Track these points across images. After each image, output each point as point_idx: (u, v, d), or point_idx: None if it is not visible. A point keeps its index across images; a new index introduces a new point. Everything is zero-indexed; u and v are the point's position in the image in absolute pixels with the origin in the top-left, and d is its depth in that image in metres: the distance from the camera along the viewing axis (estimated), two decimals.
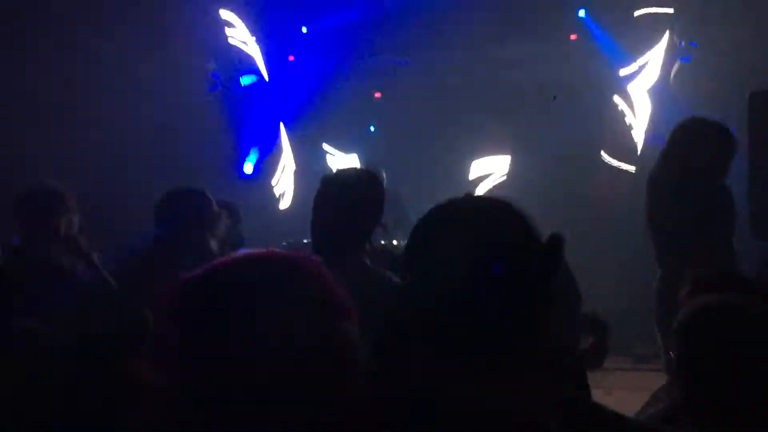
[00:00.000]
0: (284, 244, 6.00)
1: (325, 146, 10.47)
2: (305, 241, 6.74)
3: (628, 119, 9.22)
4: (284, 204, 10.16)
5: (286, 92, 10.34)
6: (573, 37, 9.78)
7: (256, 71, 9.91)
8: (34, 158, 7.76)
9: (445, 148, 9.84)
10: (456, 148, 9.71)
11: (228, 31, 9.50)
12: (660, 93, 9.07)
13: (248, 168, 10.39)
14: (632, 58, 9.24)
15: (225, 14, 9.45)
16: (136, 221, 5.07)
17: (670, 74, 9.08)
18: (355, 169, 3.13)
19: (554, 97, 9.14)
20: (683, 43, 9.03)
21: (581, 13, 9.55)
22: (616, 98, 9.32)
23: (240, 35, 9.57)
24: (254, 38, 9.67)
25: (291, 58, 10.28)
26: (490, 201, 1.47)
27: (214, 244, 4.45)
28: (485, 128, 9.50)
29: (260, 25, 9.71)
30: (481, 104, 9.69)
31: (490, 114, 9.50)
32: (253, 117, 10.43)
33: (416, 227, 1.42)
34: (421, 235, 1.41)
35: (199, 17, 9.23)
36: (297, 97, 10.34)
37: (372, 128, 10.80)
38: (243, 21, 9.53)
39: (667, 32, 9.02)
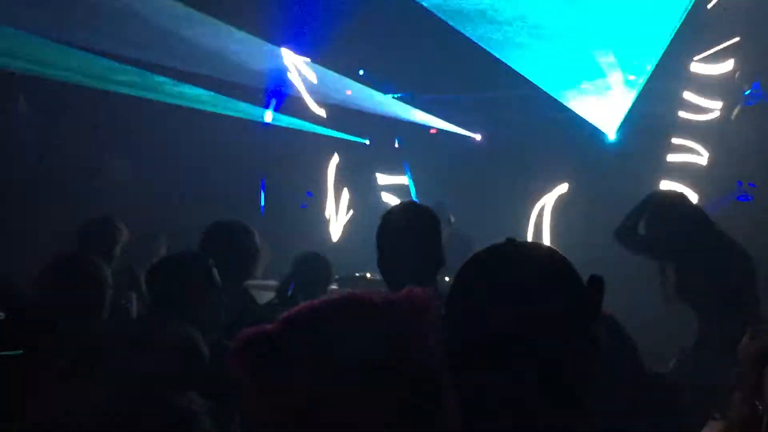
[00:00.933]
0: (337, 278, 5.98)
1: (379, 177, 10.55)
2: (357, 274, 6.81)
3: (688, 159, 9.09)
4: (336, 235, 10.23)
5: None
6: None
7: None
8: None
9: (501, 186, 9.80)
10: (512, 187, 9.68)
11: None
12: (722, 135, 8.93)
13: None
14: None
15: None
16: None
17: (731, 117, 8.95)
18: (416, 205, 3.13)
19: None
20: (745, 87, 8.89)
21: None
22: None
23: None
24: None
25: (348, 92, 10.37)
26: (531, 248, 1.49)
27: (254, 279, 4.52)
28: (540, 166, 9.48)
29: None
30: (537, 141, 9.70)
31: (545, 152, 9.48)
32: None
33: (460, 272, 1.43)
34: (463, 281, 1.41)
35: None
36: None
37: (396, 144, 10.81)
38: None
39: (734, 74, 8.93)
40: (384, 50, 9.59)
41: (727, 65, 8.95)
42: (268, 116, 10.19)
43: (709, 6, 8.54)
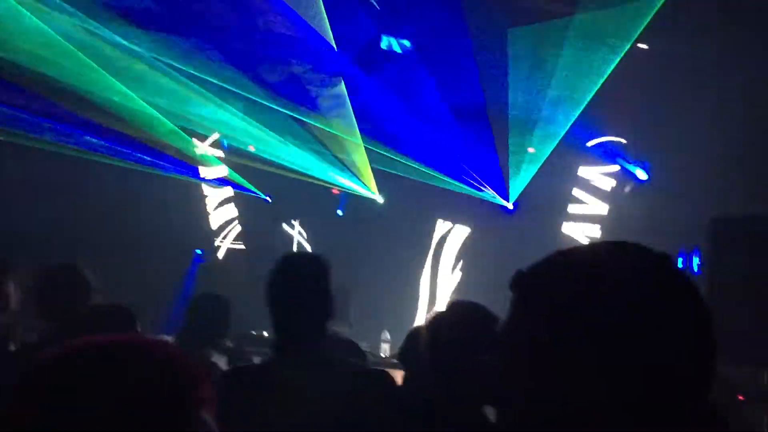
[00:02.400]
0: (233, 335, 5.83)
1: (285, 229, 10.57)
2: (253, 332, 6.69)
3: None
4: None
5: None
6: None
7: None
8: None
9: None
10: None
11: None
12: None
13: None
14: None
15: None
16: None
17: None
18: (306, 254, 3.16)
19: None
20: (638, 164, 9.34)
21: None
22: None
23: None
24: None
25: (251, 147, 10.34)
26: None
27: None
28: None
29: None
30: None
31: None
32: None
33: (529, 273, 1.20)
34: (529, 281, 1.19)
35: None
36: None
37: (339, 212, 10.86)
38: None
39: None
40: None
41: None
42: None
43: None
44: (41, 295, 3.85)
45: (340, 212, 10.88)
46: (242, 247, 10.69)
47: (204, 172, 9.86)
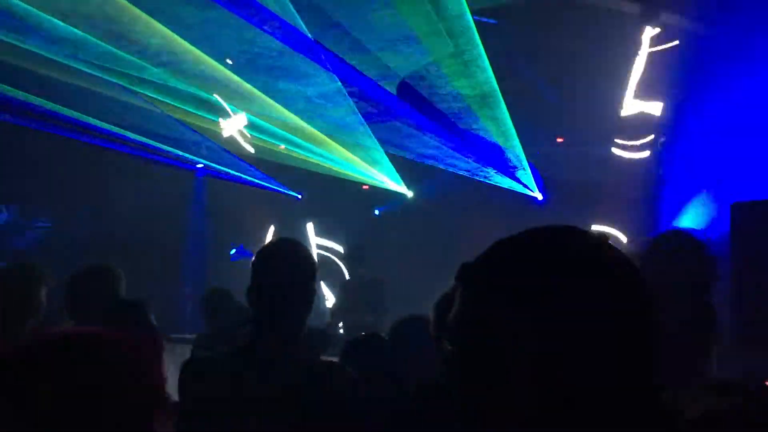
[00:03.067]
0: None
1: (309, 227, 10.67)
2: None
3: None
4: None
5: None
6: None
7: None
8: None
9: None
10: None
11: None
12: None
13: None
14: None
15: None
16: None
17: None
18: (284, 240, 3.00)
19: None
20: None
21: None
22: None
23: None
24: None
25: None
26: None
27: None
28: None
29: None
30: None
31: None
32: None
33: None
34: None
35: None
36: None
37: (377, 212, 10.95)
38: None
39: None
40: None
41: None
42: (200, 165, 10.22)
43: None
44: (75, 296, 3.95)
45: (377, 212, 11.02)
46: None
47: (224, 124, 9.84)
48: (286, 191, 10.77)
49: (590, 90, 8.77)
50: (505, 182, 10.16)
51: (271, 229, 10.88)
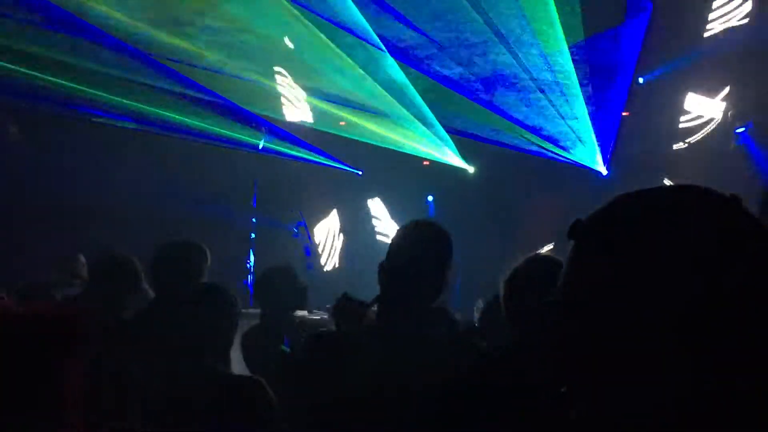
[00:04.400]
0: (328, 306, 5.97)
1: (371, 204, 10.63)
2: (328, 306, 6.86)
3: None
4: (329, 265, 10.28)
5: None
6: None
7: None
8: None
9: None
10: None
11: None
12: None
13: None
14: None
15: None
16: None
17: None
18: (433, 224, 2.95)
19: None
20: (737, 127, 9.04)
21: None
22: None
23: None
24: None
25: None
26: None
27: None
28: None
29: None
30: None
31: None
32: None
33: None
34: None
35: None
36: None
37: (430, 198, 10.86)
38: None
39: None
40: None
41: (719, 105, 9.13)
42: (261, 144, 10.25)
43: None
44: (158, 270, 4.04)
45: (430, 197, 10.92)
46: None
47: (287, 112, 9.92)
48: (346, 167, 10.74)
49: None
50: (568, 157, 9.97)
51: (334, 212, 10.86)
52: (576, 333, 1.04)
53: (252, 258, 8.56)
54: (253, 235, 9.46)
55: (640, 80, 9.71)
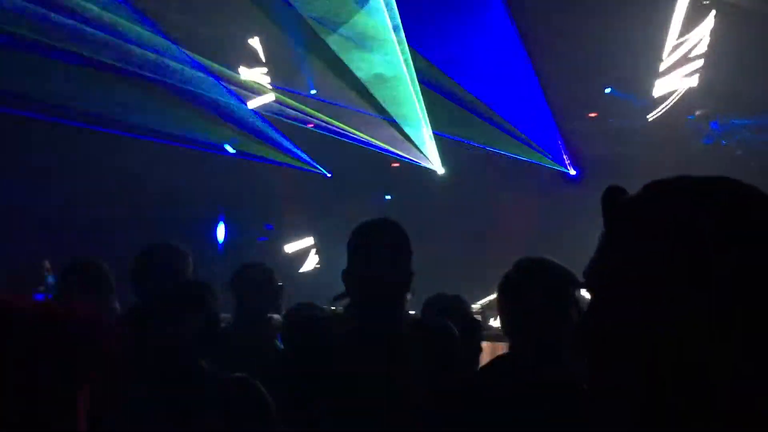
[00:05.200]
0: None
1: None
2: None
3: None
4: (305, 267, 10.35)
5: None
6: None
7: None
8: None
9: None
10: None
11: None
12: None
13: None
14: None
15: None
16: None
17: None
18: (389, 221, 2.93)
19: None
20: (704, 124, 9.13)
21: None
22: None
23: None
24: None
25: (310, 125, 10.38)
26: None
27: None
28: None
29: None
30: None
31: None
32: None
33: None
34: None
35: None
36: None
37: (388, 197, 10.86)
38: None
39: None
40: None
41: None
42: (229, 147, 10.19)
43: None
44: (140, 274, 3.98)
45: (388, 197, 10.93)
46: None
47: (252, 102, 9.86)
48: (315, 166, 10.66)
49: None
50: (537, 158, 10.01)
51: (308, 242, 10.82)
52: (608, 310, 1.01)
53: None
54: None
55: (607, 90, 9.78)
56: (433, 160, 10.37)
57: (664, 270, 0.97)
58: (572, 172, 10.03)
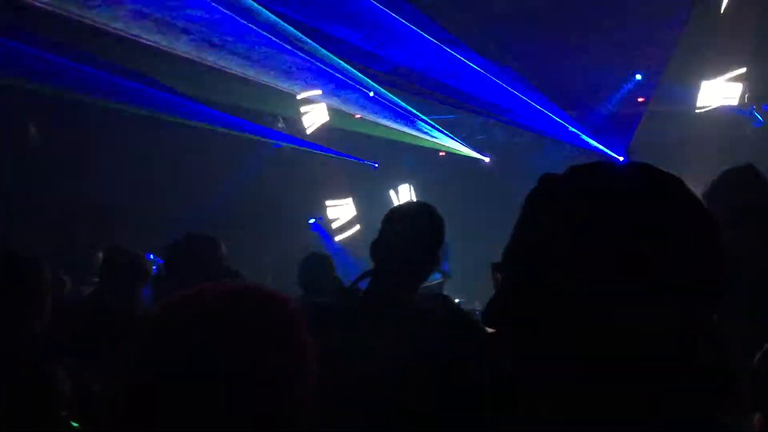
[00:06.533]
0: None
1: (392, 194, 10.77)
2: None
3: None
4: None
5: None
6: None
7: None
8: None
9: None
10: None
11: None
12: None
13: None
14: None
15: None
16: None
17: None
18: (417, 202, 2.96)
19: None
20: (755, 107, 8.98)
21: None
22: None
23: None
24: None
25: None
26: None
27: None
28: None
29: None
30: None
31: None
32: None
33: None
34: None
35: None
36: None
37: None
38: None
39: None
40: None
41: (736, 88, 9.07)
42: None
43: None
44: (178, 264, 4.04)
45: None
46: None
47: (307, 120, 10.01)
48: (362, 161, 10.80)
49: None
50: (587, 144, 9.97)
51: (349, 200, 10.97)
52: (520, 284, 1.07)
53: None
54: None
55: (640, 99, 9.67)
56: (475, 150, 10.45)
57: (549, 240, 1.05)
58: (620, 158, 9.97)
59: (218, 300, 1.37)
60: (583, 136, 9.93)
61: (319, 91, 9.75)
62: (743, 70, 8.93)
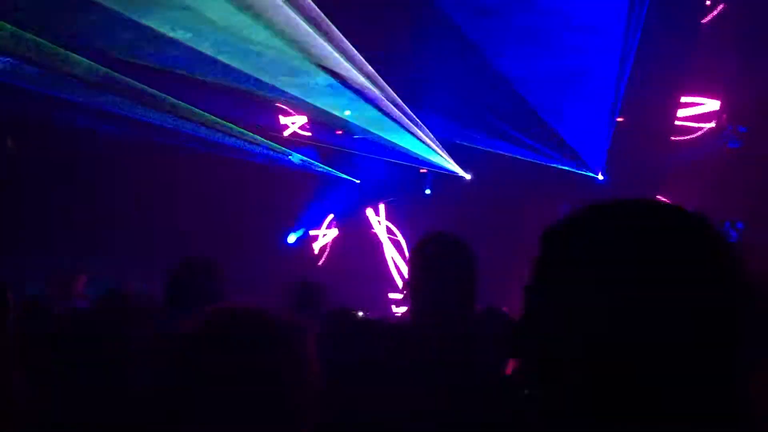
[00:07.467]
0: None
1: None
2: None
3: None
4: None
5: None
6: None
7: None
8: None
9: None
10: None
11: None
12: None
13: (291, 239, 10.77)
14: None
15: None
16: None
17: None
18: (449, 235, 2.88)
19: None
20: (732, 128, 9.06)
21: None
22: None
23: None
24: None
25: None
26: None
27: None
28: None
29: None
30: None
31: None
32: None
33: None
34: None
35: None
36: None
37: (428, 191, 10.93)
38: None
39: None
40: None
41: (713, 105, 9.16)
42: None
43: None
44: (179, 284, 3.95)
45: (428, 191, 10.96)
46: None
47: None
48: (344, 176, 10.80)
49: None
50: (565, 164, 10.00)
51: (330, 216, 10.96)
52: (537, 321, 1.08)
53: None
54: None
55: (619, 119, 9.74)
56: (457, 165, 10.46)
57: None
58: (600, 177, 10.02)
59: (248, 316, 1.54)
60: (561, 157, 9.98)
61: None
62: (720, 90, 9.03)
